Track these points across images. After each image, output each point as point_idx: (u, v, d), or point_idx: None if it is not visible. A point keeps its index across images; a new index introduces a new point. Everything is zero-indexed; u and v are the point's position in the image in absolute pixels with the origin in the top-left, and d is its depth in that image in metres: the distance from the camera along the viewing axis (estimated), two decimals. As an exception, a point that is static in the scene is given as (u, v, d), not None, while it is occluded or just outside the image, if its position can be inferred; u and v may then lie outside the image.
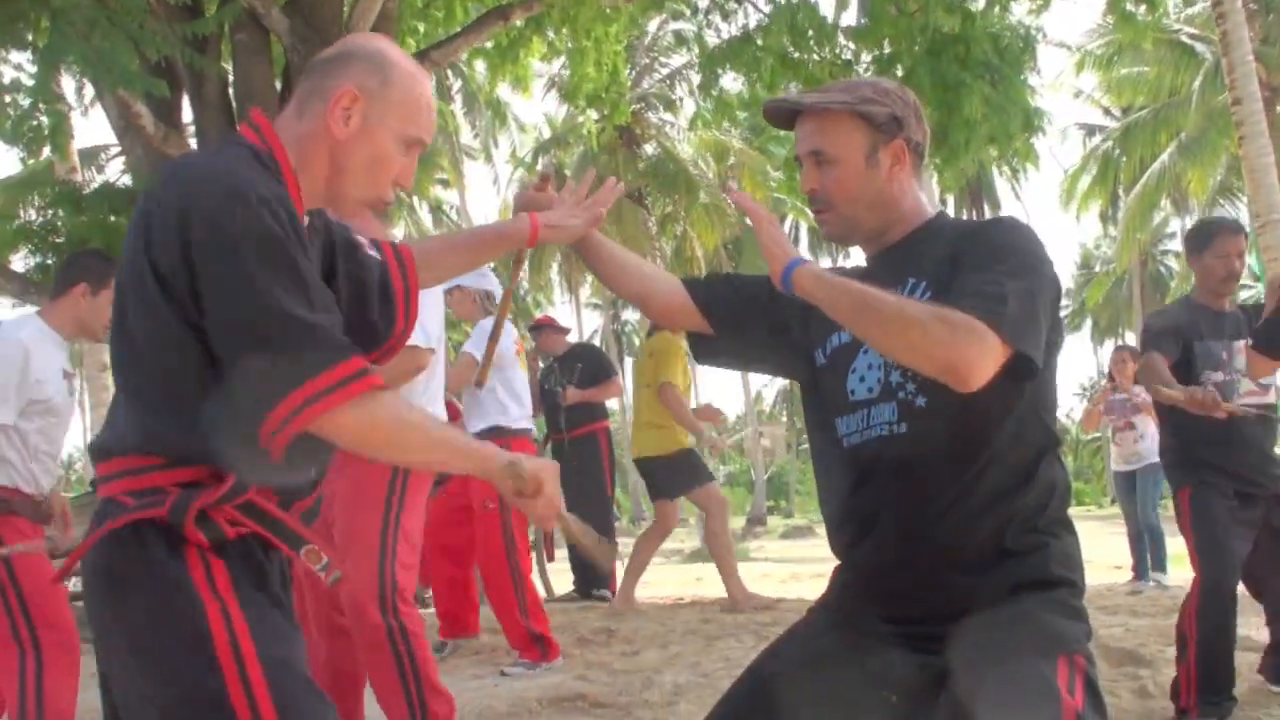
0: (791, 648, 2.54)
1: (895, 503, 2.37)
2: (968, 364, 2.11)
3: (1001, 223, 2.44)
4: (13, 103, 8.48)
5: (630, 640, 6.85)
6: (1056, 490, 2.37)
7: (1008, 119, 9.55)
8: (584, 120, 14.33)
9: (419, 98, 2.23)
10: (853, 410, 2.44)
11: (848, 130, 2.45)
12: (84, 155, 21.57)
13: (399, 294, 2.44)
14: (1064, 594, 2.31)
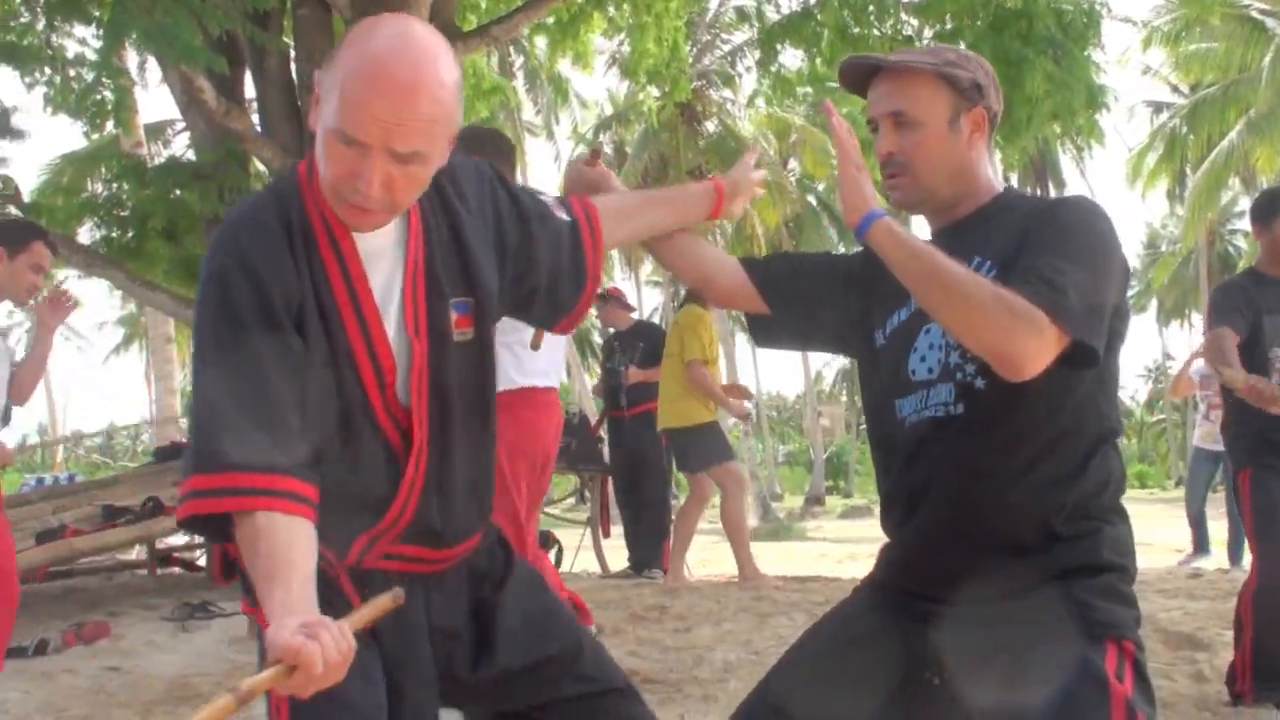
0: (836, 625, 2.53)
1: (945, 483, 2.33)
2: (1022, 355, 2.07)
3: (1072, 203, 2.35)
4: (77, 77, 8.57)
5: (683, 617, 6.85)
6: (1112, 480, 2.32)
7: (1071, 95, 9.40)
8: (644, 97, 14.28)
9: (349, 86, 1.92)
10: (913, 390, 2.39)
11: (931, 93, 2.37)
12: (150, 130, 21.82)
13: (589, 256, 2.41)
14: (1113, 579, 2.25)
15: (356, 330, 2.06)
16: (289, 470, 1.90)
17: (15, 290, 4.99)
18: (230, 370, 1.93)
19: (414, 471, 2.12)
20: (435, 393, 2.14)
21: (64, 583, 10.26)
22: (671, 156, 30.22)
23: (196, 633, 7.37)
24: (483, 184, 2.30)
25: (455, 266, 2.17)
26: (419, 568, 2.20)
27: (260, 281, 1.96)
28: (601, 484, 10.54)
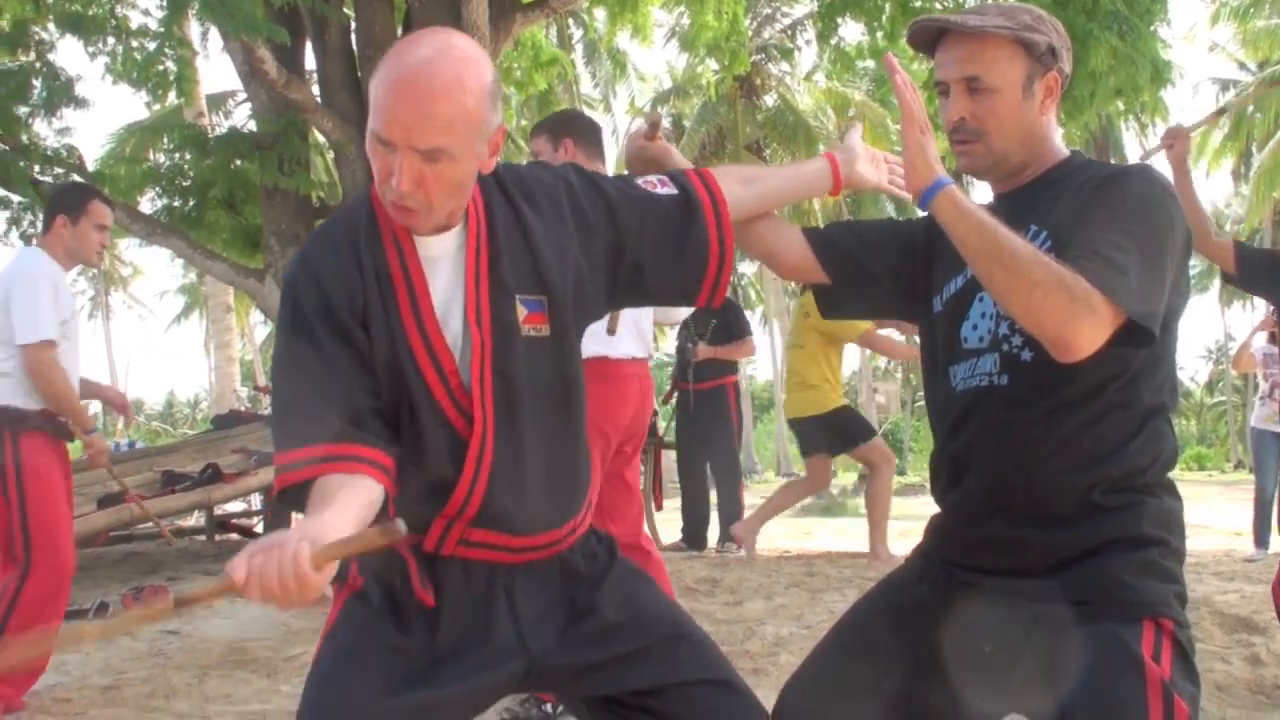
0: (887, 595, 2.53)
1: (989, 453, 2.32)
2: (1076, 338, 2.04)
3: (1135, 173, 2.29)
4: (139, 47, 8.65)
5: (734, 590, 6.86)
6: (1161, 456, 2.28)
7: (1136, 72, 9.25)
8: (702, 70, 14.23)
9: (377, 91, 2.08)
10: (964, 358, 2.38)
11: (1008, 57, 2.31)
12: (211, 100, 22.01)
13: (708, 222, 2.41)
14: (1154, 553, 2.21)
15: (415, 329, 2.17)
16: (361, 440, 2.08)
17: (85, 253, 5.09)
18: (302, 365, 2.14)
19: (477, 458, 2.17)
20: (500, 385, 2.20)
21: (124, 547, 10.42)
22: (730, 130, 30.11)
23: (253, 598, 7.45)
24: (556, 185, 2.35)
25: (525, 266, 2.25)
26: (502, 556, 2.24)
27: (324, 289, 2.15)
28: (655, 456, 10.54)
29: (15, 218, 10.00)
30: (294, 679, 5.36)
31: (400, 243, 2.20)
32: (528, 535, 2.24)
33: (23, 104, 9.46)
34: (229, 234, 10.75)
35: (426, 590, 2.18)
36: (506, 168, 2.35)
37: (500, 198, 2.28)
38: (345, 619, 2.22)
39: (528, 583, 2.26)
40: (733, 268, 2.48)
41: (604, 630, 2.28)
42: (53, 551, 4.70)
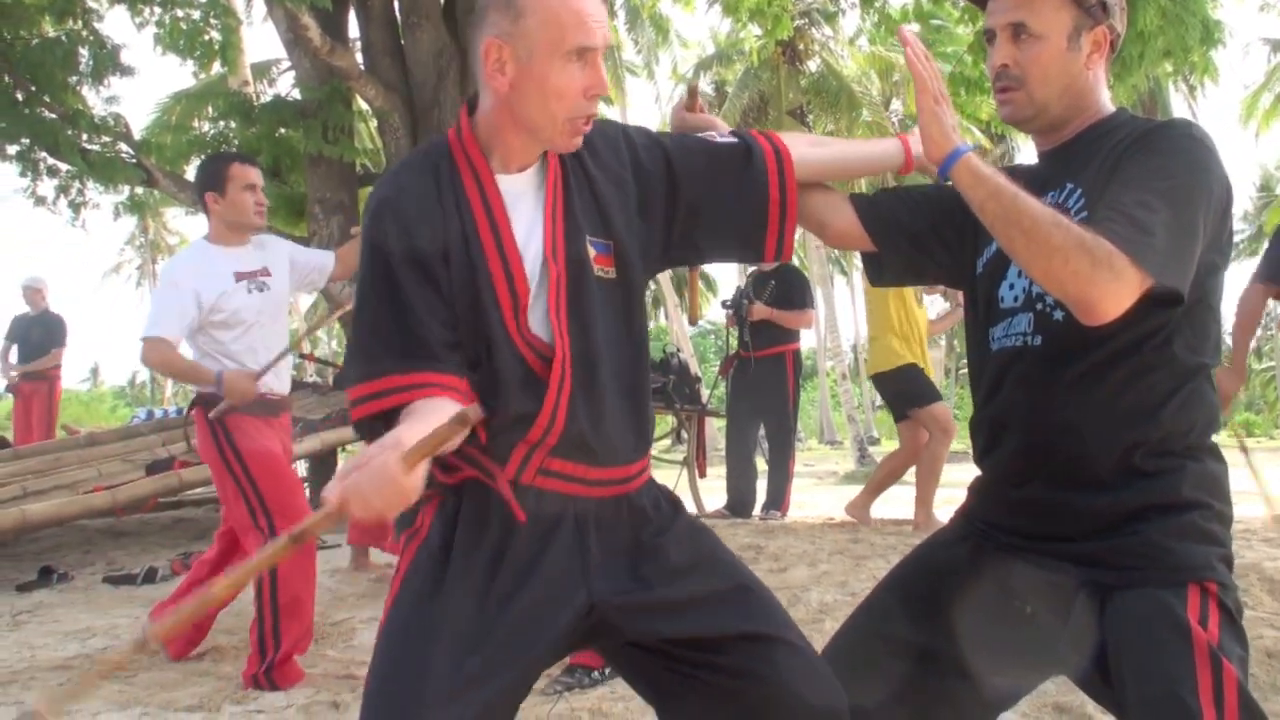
0: (930, 556, 2.54)
1: (1024, 414, 2.32)
2: (1100, 301, 2.03)
3: (1171, 129, 2.26)
4: (185, 17, 8.68)
5: (778, 558, 6.85)
6: (1202, 418, 2.25)
7: (1185, 31, 9.12)
8: (745, 35, 14.15)
9: (558, 9, 2.17)
10: (1002, 319, 2.38)
11: (1055, 6, 2.30)
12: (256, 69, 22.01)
13: (770, 171, 2.43)
14: (1195, 517, 2.19)
15: (497, 258, 2.23)
16: (438, 368, 2.16)
17: (244, 216, 5.05)
18: (381, 298, 2.21)
19: (558, 385, 2.23)
20: (575, 316, 2.27)
21: (172, 513, 10.53)
22: (772, 96, 29.89)
23: (300, 563, 7.50)
24: (616, 136, 2.43)
25: (593, 211, 2.33)
26: (578, 489, 2.27)
27: (405, 223, 2.22)
28: (699, 424, 10.52)
29: (64, 185, 10.09)
30: (340, 643, 5.41)
31: (481, 180, 2.27)
32: (603, 467, 2.28)
33: (71, 73, 9.51)
34: (274, 202, 10.77)
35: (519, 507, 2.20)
36: None
37: None
38: (417, 564, 2.24)
39: (598, 519, 2.29)
40: (797, 220, 2.47)
41: (672, 571, 2.30)
42: (292, 513, 4.77)
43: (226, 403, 4.86)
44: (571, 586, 2.22)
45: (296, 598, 4.77)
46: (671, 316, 36.74)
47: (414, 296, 2.18)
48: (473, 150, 2.29)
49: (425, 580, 2.19)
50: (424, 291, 2.19)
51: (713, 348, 57.63)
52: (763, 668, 2.23)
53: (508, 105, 2.23)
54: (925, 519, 8.07)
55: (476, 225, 2.24)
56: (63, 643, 5.79)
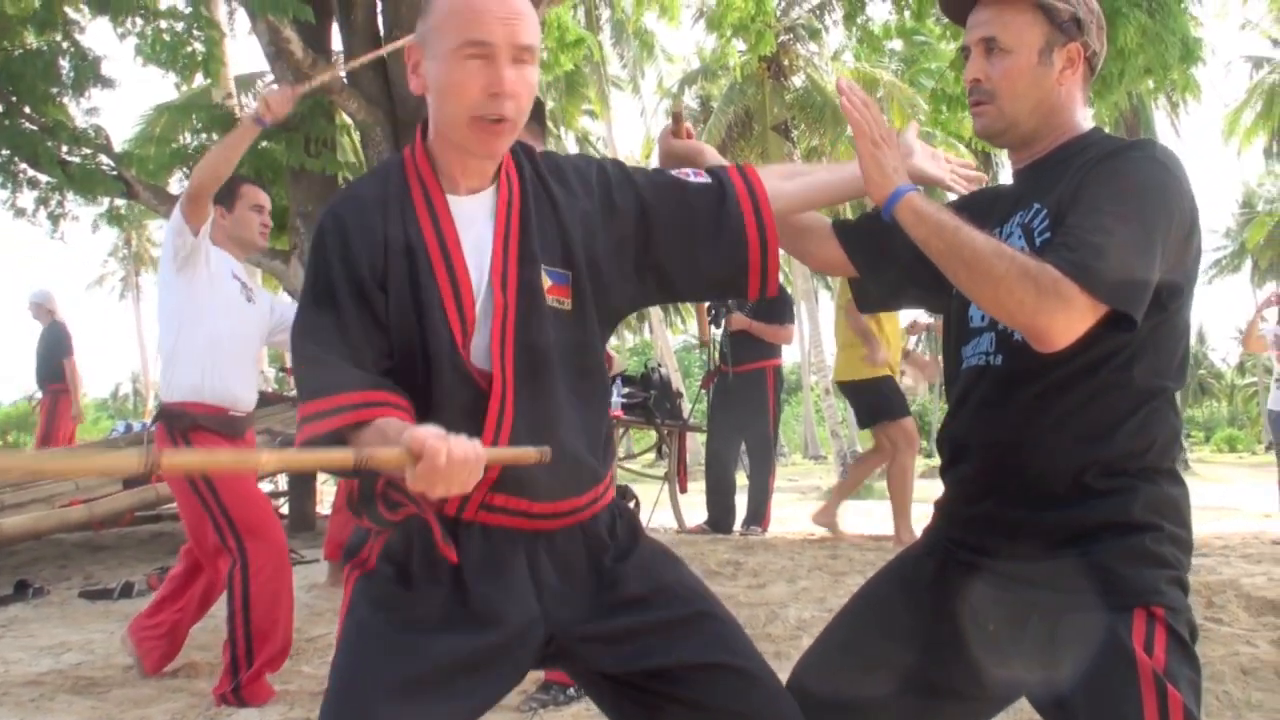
0: (898, 572, 2.54)
1: (984, 432, 2.33)
2: (1048, 329, 2.06)
3: (1135, 152, 2.25)
4: (168, 28, 8.67)
5: (757, 574, 6.84)
6: (1159, 440, 2.24)
7: (1165, 49, 9.18)
8: (729, 51, 14.20)
9: (457, 7, 2.13)
10: (971, 338, 2.40)
11: (1027, 22, 2.32)
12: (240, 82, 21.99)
13: (744, 210, 2.38)
14: (1146, 539, 2.18)
15: (446, 282, 2.18)
16: (384, 386, 2.12)
17: (249, 235, 5.11)
18: (324, 319, 2.16)
19: (497, 420, 2.17)
20: (524, 349, 2.21)
21: (150, 528, 10.48)
22: (757, 111, 29.98)
23: (278, 578, 7.47)
24: (589, 169, 2.39)
25: (554, 240, 2.27)
26: (523, 523, 2.23)
27: (348, 245, 2.18)
28: (679, 439, 10.50)
29: (43, 197, 10.06)
30: (315, 659, 5.38)
31: (433, 200, 2.23)
32: (548, 502, 2.23)
33: (51, 84, 9.48)
34: (256, 214, 10.77)
35: (449, 546, 2.16)
36: (541, 152, 2.38)
37: (531, 170, 2.32)
38: (363, 598, 2.21)
39: (550, 551, 2.25)
40: (779, 256, 2.44)
41: (629, 601, 2.27)
42: (261, 531, 4.75)
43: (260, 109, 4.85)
44: (527, 619, 2.19)
45: (271, 617, 4.73)
46: (656, 331, 36.73)
47: (355, 316, 2.15)
48: (425, 169, 2.26)
49: (371, 616, 2.17)
50: (360, 313, 2.16)
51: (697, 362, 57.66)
52: (722, 699, 2.21)
53: (430, 112, 2.21)
54: (906, 533, 8.09)
55: (426, 247, 2.20)
56: (37, 658, 5.74)
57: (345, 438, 2.06)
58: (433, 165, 2.26)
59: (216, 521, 4.72)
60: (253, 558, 4.69)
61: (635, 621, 2.24)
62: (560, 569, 2.25)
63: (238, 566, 4.67)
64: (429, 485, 1.86)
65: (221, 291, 4.96)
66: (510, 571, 2.20)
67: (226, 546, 4.71)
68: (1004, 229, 2.35)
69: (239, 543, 4.69)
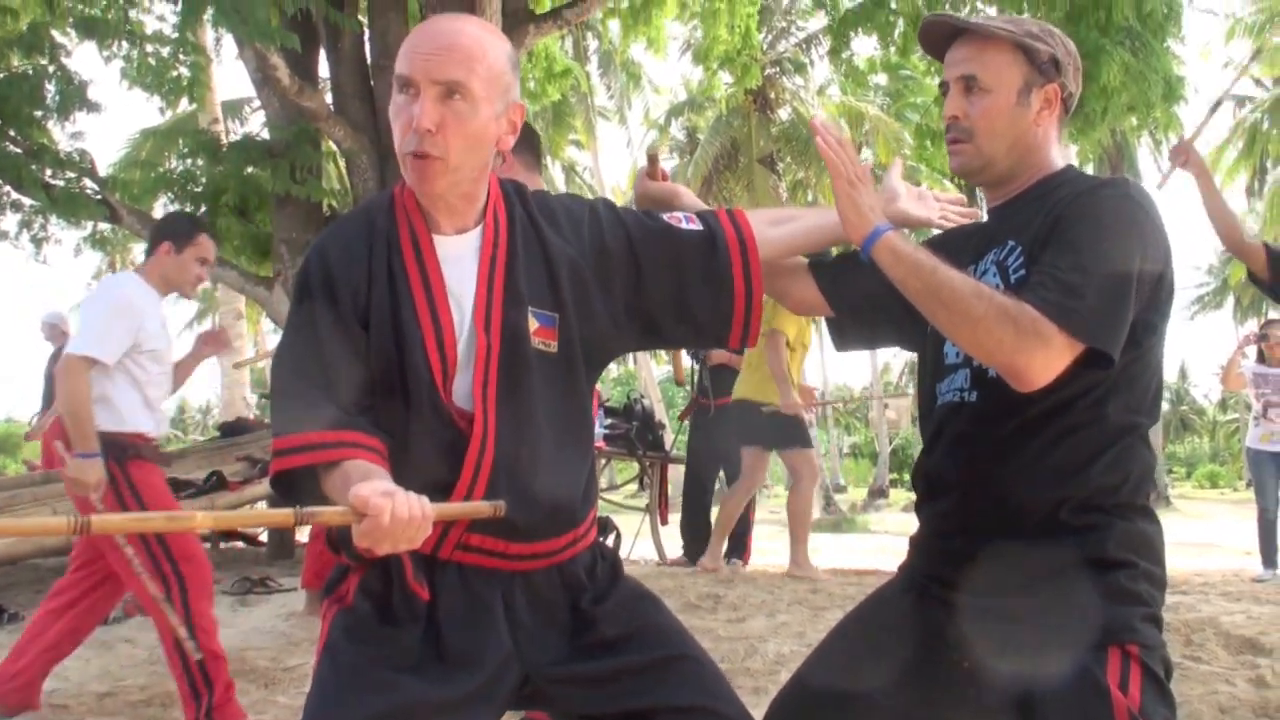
0: (870, 608, 2.54)
1: (958, 468, 2.33)
2: (1027, 369, 2.07)
3: (1108, 191, 2.27)
4: (154, 53, 8.67)
5: (737, 607, 6.83)
6: (1132, 476, 2.25)
7: (1148, 88, 9.24)
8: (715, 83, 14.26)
9: (404, 44, 2.16)
10: (946, 374, 2.40)
11: (1007, 61, 2.34)
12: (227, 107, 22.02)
13: (733, 260, 2.38)
14: (1120, 577, 2.19)
15: (429, 322, 2.19)
16: (360, 427, 2.11)
17: (182, 283, 5.06)
18: (303, 352, 2.18)
19: (476, 458, 2.16)
20: (507, 391, 2.20)
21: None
22: (743, 143, 30.09)
23: (255, 607, 7.45)
24: (581, 211, 2.38)
25: (542, 281, 2.26)
26: (499, 563, 2.22)
27: (332, 280, 2.19)
28: (661, 471, 10.48)
29: (27, 220, 10.03)
30: (291, 690, 5.34)
31: (418, 239, 2.23)
32: (525, 543, 2.22)
33: (36, 108, 9.47)
34: (240, 241, 10.76)
35: (421, 585, 2.16)
36: (533, 192, 2.37)
37: (521, 211, 2.31)
38: (340, 633, 2.19)
39: (526, 591, 2.24)
40: (763, 308, 2.43)
41: (603, 644, 2.25)
42: (192, 555, 4.75)
43: None
44: (502, 659, 2.18)
45: (214, 636, 4.71)
46: (640, 362, 36.73)
47: (335, 352, 2.15)
48: (412, 207, 2.25)
49: (348, 651, 2.15)
50: (341, 349, 2.16)
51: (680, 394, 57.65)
52: None
53: None
54: (805, 563, 8.42)
55: (410, 285, 2.20)
56: (10, 685, 5.67)
57: (315, 475, 2.06)
58: (419, 204, 2.25)
59: (151, 548, 4.68)
60: (190, 580, 4.67)
61: (613, 664, 2.23)
62: (537, 610, 2.24)
63: (176, 589, 4.64)
64: (374, 543, 1.86)
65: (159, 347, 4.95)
66: (486, 611, 2.19)
67: (161, 571, 4.67)
68: (978, 266, 2.36)
69: (175, 568, 4.66)
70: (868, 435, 58.33)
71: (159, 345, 4.93)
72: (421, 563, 2.17)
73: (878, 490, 37.99)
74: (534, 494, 2.20)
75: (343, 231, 2.28)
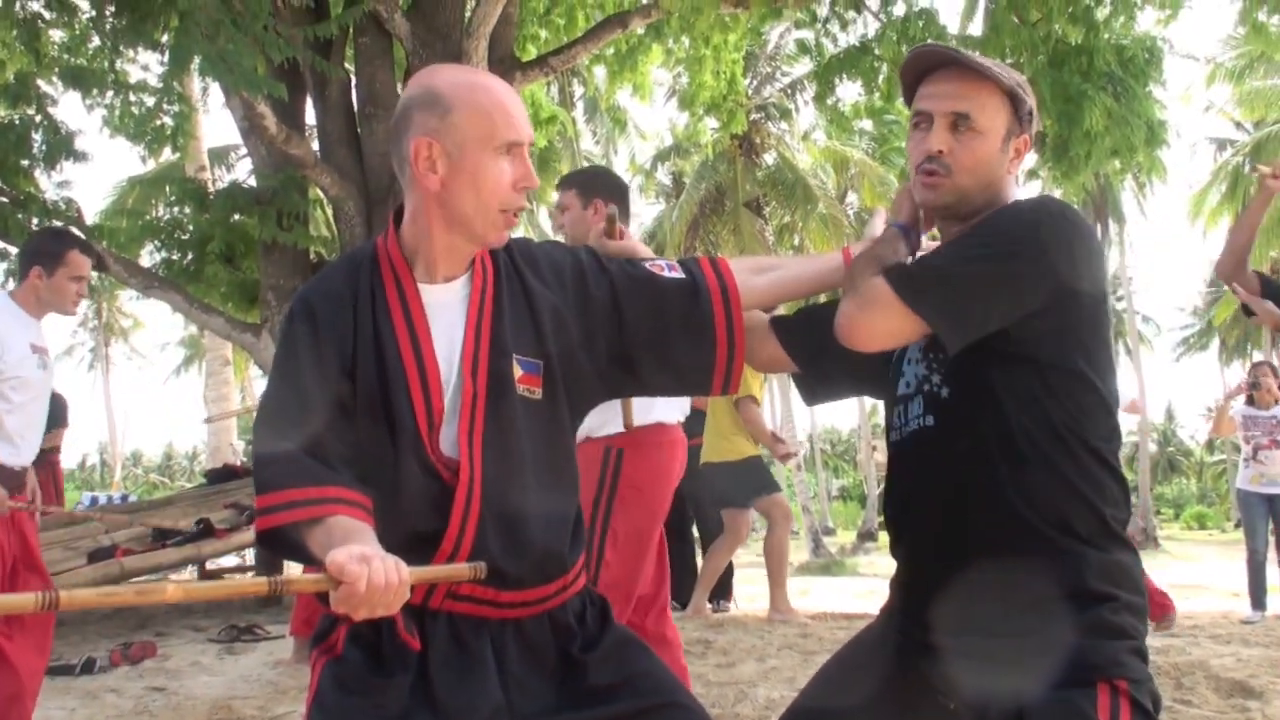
0: (857, 651, 2.51)
1: (925, 501, 2.32)
2: (850, 324, 2.27)
3: (1022, 203, 2.34)
4: (138, 102, 8.70)
5: (726, 652, 6.80)
6: (1099, 505, 2.23)
7: (1131, 132, 9.34)
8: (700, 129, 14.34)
9: (486, 105, 2.20)
10: (899, 404, 2.41)
11: (998, 107, 2.33)
12: (213, 155, 22.10)
13: (715, 309, 2.39)
14: (1102, 612, 2.17)
15: (415, 371, 2.20)
16: (343, 482, 2.10)
17: (60, 303, 5.03)
18: (287, 404, 2.18)
19: (464, 508, 2.16)
20: (493, 438, 2.21)
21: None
22: (729, 188, 30.18)
23: (242, 655, 7.40)
24: (563, 260, 2.41)
25: (526, 328, 2.29)
26: (490, 612, 2.22)
27: (317, 330, 2.21)
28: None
29: (13, 269, 10.01)
30: None
31: (404, 288, 2.25)
32: (516, 591, 2.22)
33: (23, 157, 9.48)
34: (227, 288, 10.77)
35: (413, 635, 2.15)
36: (515, 239, 2.38)
37: (505, 259, 2.34)
38: (330, 682, 2.18)
39: (517, 640, 2.24)
40: (745, 355, 2.44)
41: (597, 691, 2.24)
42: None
43: None
44: (493, 710, 2.17)
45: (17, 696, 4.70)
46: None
47: (319, 405, 2.15)
48: (397, 258, 2.27)
49: (338, 702, 2.14)
50: (325, 401, 2.16)
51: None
52: None
53: (439, 203, 2.21)
54: (785, 606, 8.54)
55: (395, 335, 2.21)
56: (-6, 736, 5.63)
57: (299, 532, 2.07)
58: (405, 254, 2.27)
59: None
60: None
61: (604, 711, 2.22)
62: (528, 658, 2.24)
63: None
64: (351, 609, 1.88)
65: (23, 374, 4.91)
66: (477, 661, 2.19)
67: None
68: None
69: None
70: (856, 478, 58.30)
71: (21, 373, 4.88)
72: (412, 612, 2.16)
73: (866, 533, 37.85)
74: (523, 541, 2.20)
75: (327, 282, 2.29)
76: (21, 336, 4.92)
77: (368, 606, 1.86)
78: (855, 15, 11.02)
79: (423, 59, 9.50)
